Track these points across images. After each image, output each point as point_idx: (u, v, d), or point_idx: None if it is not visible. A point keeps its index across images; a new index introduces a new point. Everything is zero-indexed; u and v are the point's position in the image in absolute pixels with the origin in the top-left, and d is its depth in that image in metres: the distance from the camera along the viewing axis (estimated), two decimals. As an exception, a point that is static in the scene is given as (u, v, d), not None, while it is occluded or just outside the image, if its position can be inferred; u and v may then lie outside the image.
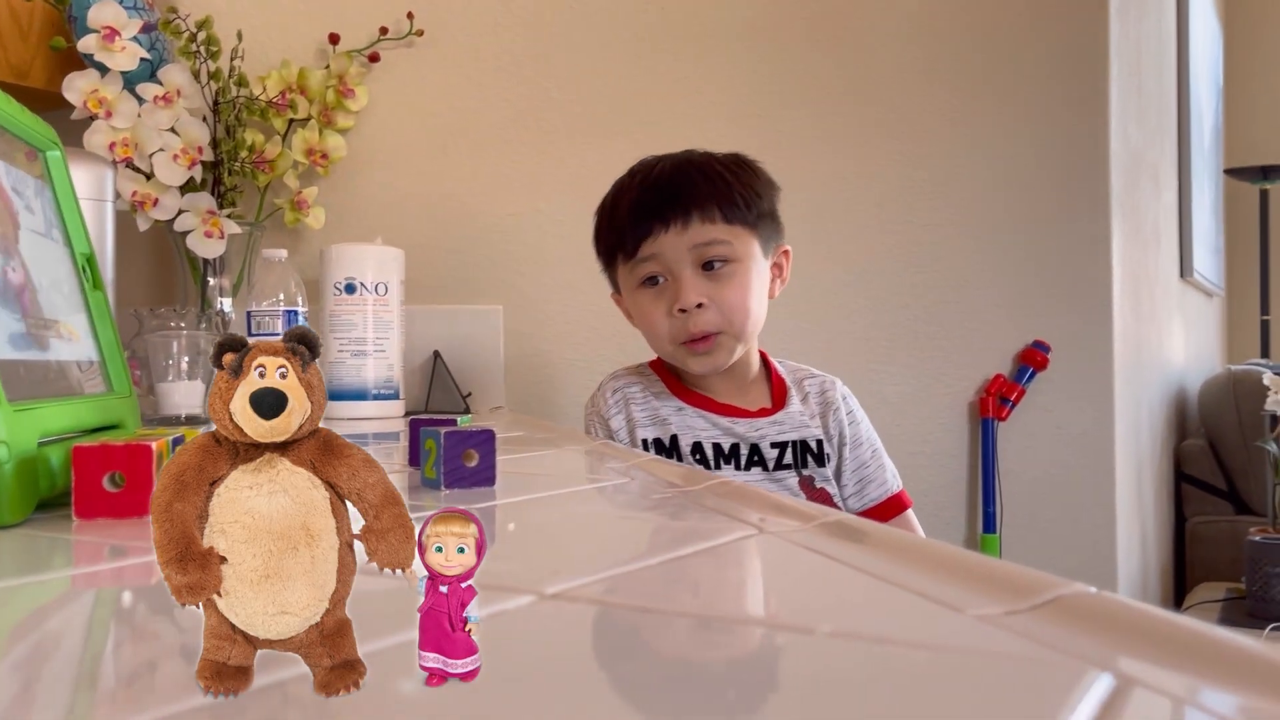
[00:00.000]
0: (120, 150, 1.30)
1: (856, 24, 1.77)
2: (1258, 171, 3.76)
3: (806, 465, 1.18)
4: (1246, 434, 2.67)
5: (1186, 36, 3.00)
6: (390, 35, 1.58)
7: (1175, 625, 0.29)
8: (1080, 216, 1.82)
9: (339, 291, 1.35)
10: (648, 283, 1.12)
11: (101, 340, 0.69)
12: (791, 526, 0.47)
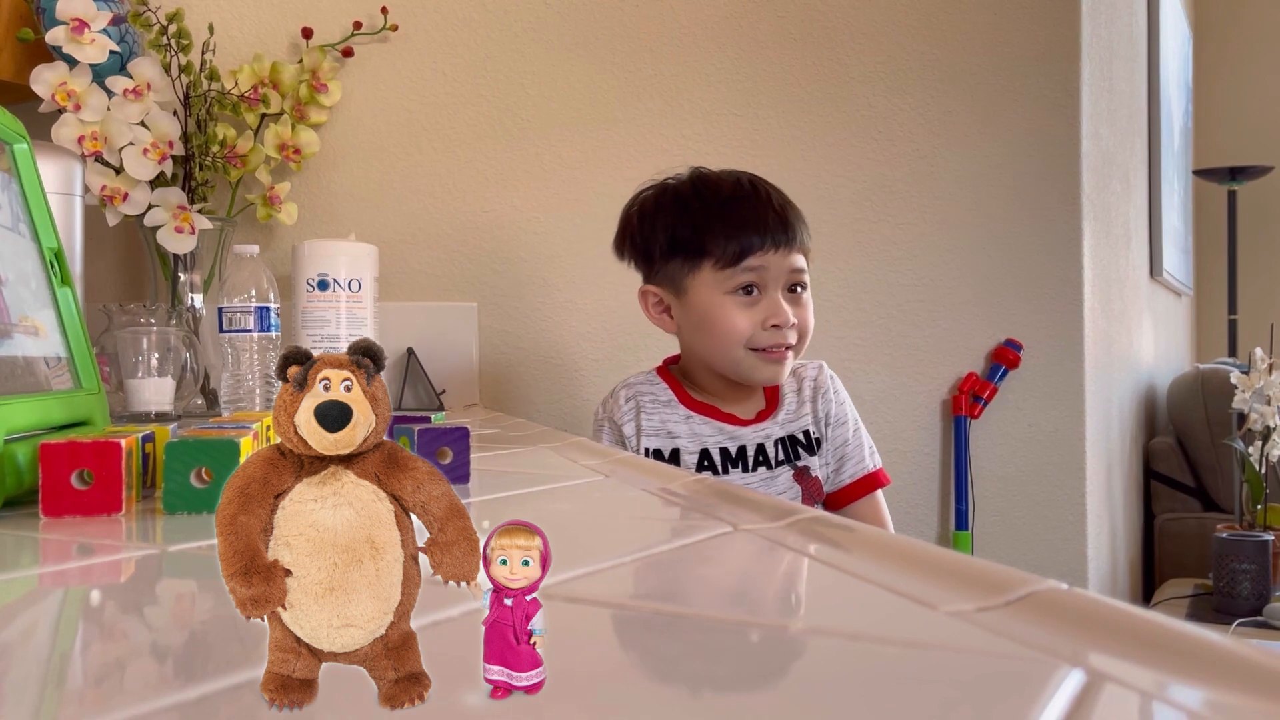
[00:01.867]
0: (89, 144, 1.28)
1: (831, 25, 1.78)
2: (1226, 173, 3.81)
3: (799, 457, 1.23)
4: (1214, 432, 2.71)
5: (1157, 39, 3.04)
6: (364, 30, 1.57)
7: (1145, 621, 0.29)
8: (1052, 216, 1.84)
9: (311, 288, 1.34)
10: (742, 291, 1.16)
11: (70, 336, 0.68)
12: (766, 524, 0.47)
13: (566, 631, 0.32)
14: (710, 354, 1.20)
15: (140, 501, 0.55)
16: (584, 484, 0.65)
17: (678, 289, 1.20)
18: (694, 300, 1.18)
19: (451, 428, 0.61)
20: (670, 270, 1.20)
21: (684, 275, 1.19)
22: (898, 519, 1.78)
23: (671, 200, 1.20)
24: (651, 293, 1.23)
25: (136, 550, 0.45)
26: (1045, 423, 1.83)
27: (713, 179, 1.21)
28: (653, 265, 1.22)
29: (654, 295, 1.23)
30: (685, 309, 1.20)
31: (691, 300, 1.19)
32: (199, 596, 0.38)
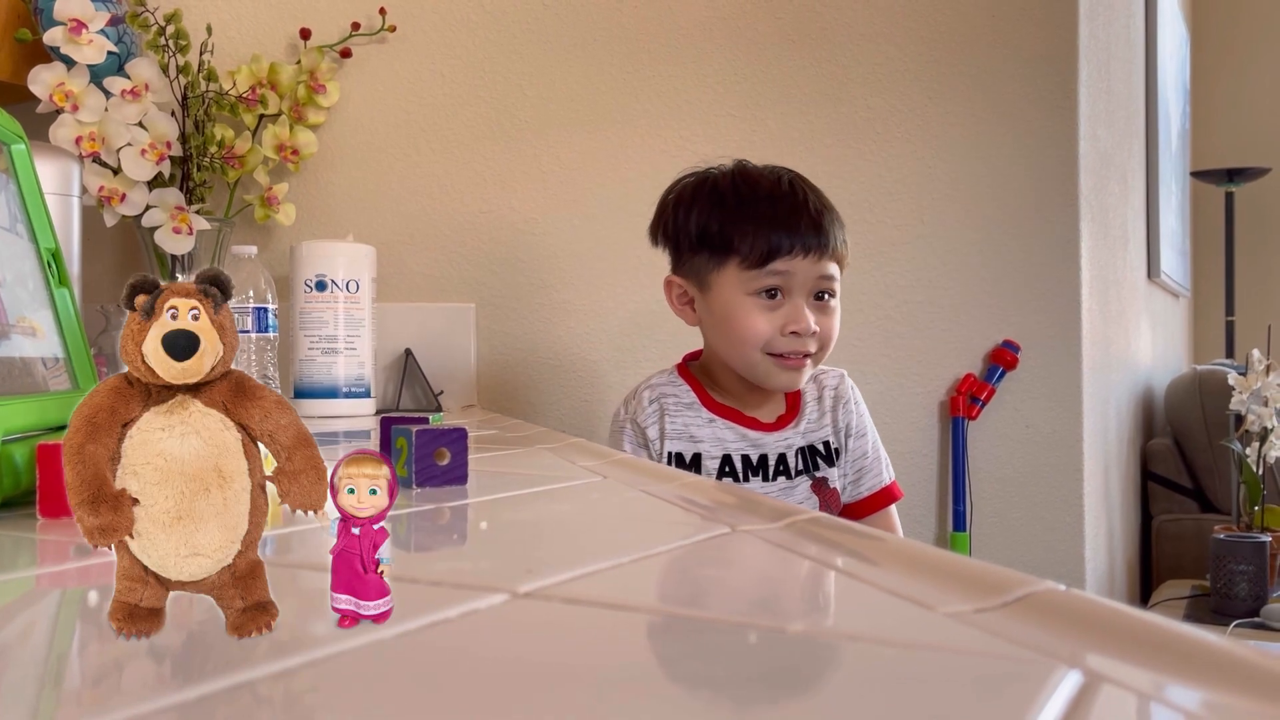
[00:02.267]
0: (87, 144, 1.28)
1: (829, 26, 1.78)
2: (1223, 174, 3.81)
3: (818, 468, 1.21)
4: (1212, 433, 2.71)
5: (1154, 40, 3.04)
6: (362, 31, 1.57)
7: (1142, 622, 0.29)
8: (1050, 218, 1.84)
9: (309, 289, 1.34)
10: (765, 294, 1.14)
11: (67, 337, 0.68)
12: (764, 525, 0.47)
13: (564, 632, 0.32)
14: (729, 353, 1.18)
15: (138, 502, 0.54)
16: (582, 485, 0.65)
17: (702, 283, 1.18)
18: (716, 297, 1.16)
19: (449, 429, 0.61)
20: (697, 263, 1.17)
21: (709, 270, 1.16)
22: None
23: (708, 192, 1.18)
24: (676, 283, 1.21)
25: (134, 551, 0.45)
26: (1043, 424, 1.83)
27: (753, 175, 1.18)
28: (680, 255, 1.20)
29: (678, 286, 1.21)
30: (707, 304, 1.18)
31: (714, 297, 1.16)
32: (196, 597, 0.38)
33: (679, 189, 1.21)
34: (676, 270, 1.21)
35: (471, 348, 1.64)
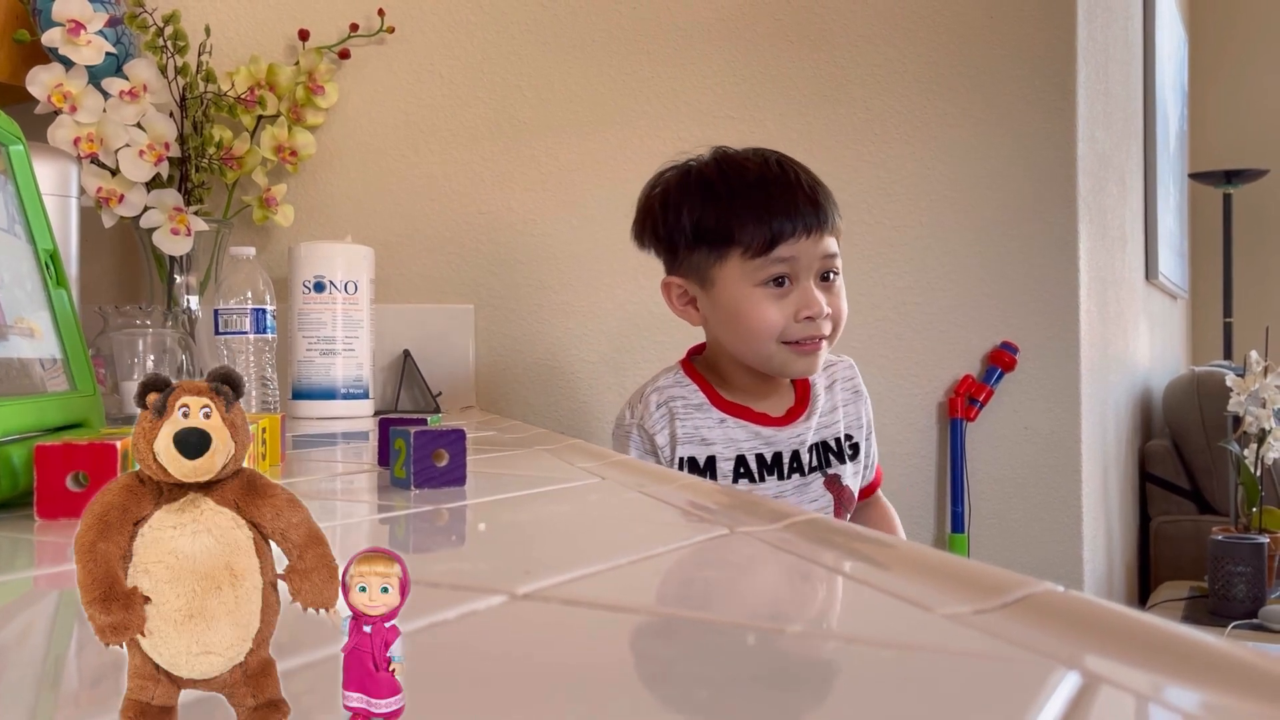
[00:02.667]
0: (85, 145, 1.28)
1: (828, 27, 1.78)
2: (1221, 176, 3.82)
3: (830, 465, 1.18)
4: (1210, 434, 2.71)
5: (1152, 42, 3.04)
6: (361, 32, 1.57)
7: (1140, 623, 0.29)
8: (1048, 219, 1.84)
9: (308, 290, 1.34)
10: (772, 283, 1.10)
11: (65, 338, 0.68)
12: (763, 527, 0.47)
13: (563, 634, 0.32)
14: (740, 349, 1.14)
15: (136, 503, 0.54)
16: (580, 486, 0.65)
17: (704, 280, 1.13)
18: (722, 293, 1.11)
19: (448, 430, 0.61)
20: (695, 261, 1.13)
21: (710, 266, 1.11)
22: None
23: (696, 185, 1.13)
24: (675, 284, 1.16)
25: (132, 552, 0.45)
26: (1041, 425, 1.83)
27: (738, 160, 1.14)
28: (676, 255, 1.15)
29: (678, 287, 1.16)
30: (712, 302, 1.13)
31: (719, 293, 1.12)
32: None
33: (663, 186, 1.16)
34: (674, 271, 1.16)
35: (470, 349, 1.64)
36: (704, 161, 1.16)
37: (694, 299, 1.15)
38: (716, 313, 1.13)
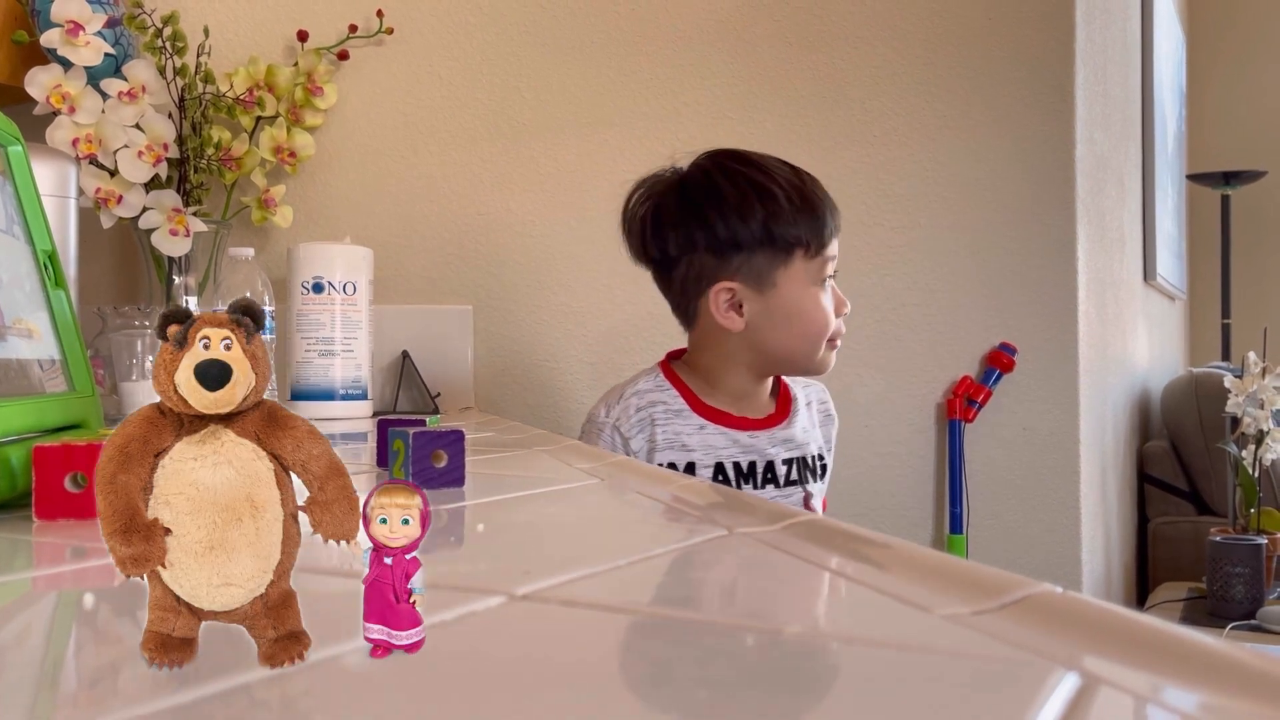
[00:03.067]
0: (84, 146, 1.28)
1: (827, 28, 1.78)
2: (1219, 177, 3.82)
3: (807, 481, 1.20)
4: (1208, 436, 2.71)
5: (1150, 44, 3.05)
6: (360, 33, 1.57)
7: (1139, 624, 0.29)
8: (1047, 220, 1.84)
9: (306, 291, 1.33)
10: (823, 282, 1.15)
11: (63, 338, 0.68)
12: (762, 527, 0.47)
13: (562, 635, 0.32)
14: (792, 350, 1.15)
15: (134, 505, 0.54)
16: (579, 487, 0.65)
17: (762, 283, 1.13)
18: (785, 294, 1.13)
19: (446, 431, 0.61)
20: (757, 264, 1.12)
21: (774, 269, 1.12)
22: (892, 522, 1.78)
23: (756, 189, 1.13)
24: (727, 289, 1.13)
25: (130, 553, 0.45)
26: (1040, 426, 1.84)
27: (771, 162, 1.16)
28: (730, 260, 1.13)
29: (728, 291, 1.14)
30: (768, 303, 1.13)
31: (781, 294, 1.13)
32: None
33: (710, 194, 1.14)
34: (726, 275, 1.13)
35: (469, 350, 1.64)
36: (731, 168, 1.15)
37: (740, 304, 1.14)
38: (774, 314, 1.14)
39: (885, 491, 1.80)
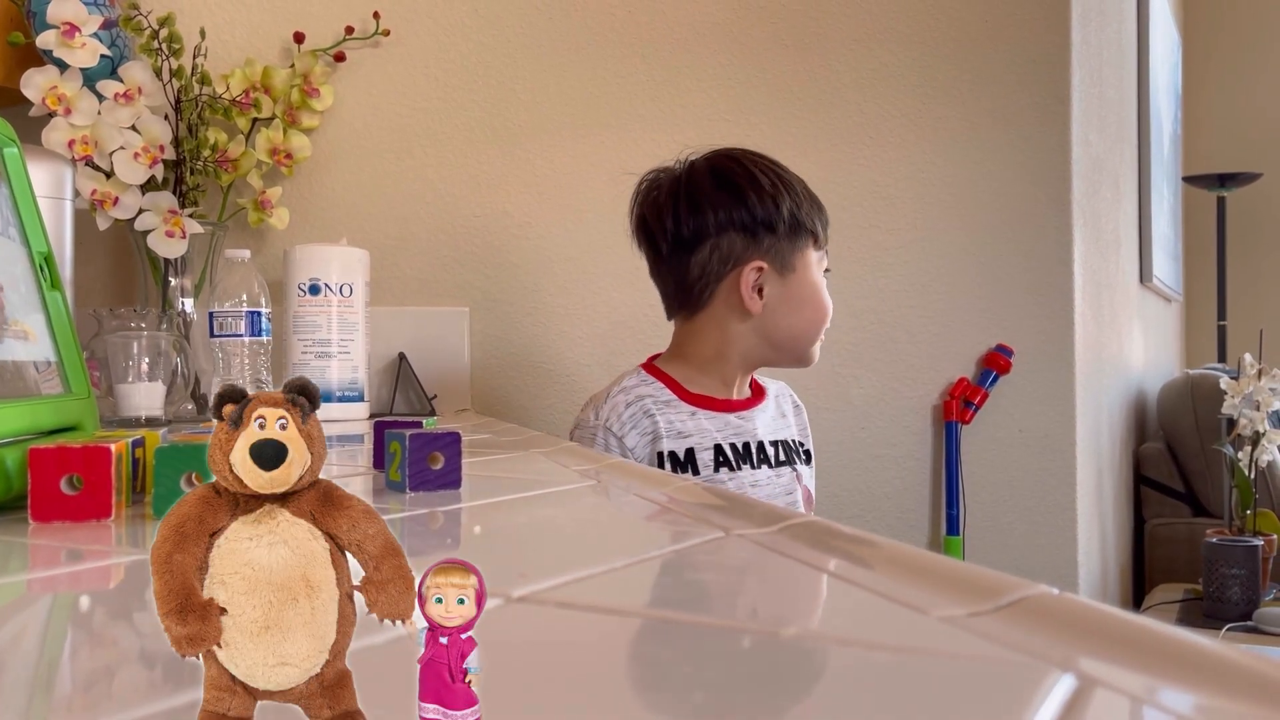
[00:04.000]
0: (80, 148, 1.28)
1: (823, 31, 1.79)
2: (1215, 179, 3.83)
3: (795, 462, 1.25)
4: (1204, 437, 2.72)
5: (1146, 46, 3.05)
6: (356, 35, 1.57)
7: (1135, 626, 0.29)
8: (1043, 222, 1.84)
9: (303, 292, 1.33)
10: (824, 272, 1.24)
11: (59, 340, 0.68)
12: (758, 529, 0.47)
13: (558, 637, 0.32)
14: (799, 334, 1.22)
15: (130, 507, 0.54)
16: (576, 489, 0.65)
17: (784, 266, 1.20)
18: (801, 279, 1.21)
19: (443, 433, 0.61)
20: (783, 248, 1.20)
21: (795, 253, 1.20)
22: (889, 524, 1.79)
23: (784, 178, 1.22)
24: (757, 268, 1.18)
25: (126, 556, 0.45)
26: (1036, 428, 1.84)
27: (773, 161, 1.26)
28: (761, 242, 1.18)
29: (757, 271, 1.19)
30: (786, 287, 1.20)
31: (799, 279, 1.21)
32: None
33: (747, 179, 1.20)
34: (757, 255, 1.19)
35: (465, 351, 1.64)
36: (757, 158, 1.24)
37: (762, 286, 1.20)
38: (789, 298, 1.21)
39: (881, 493, 1.80)
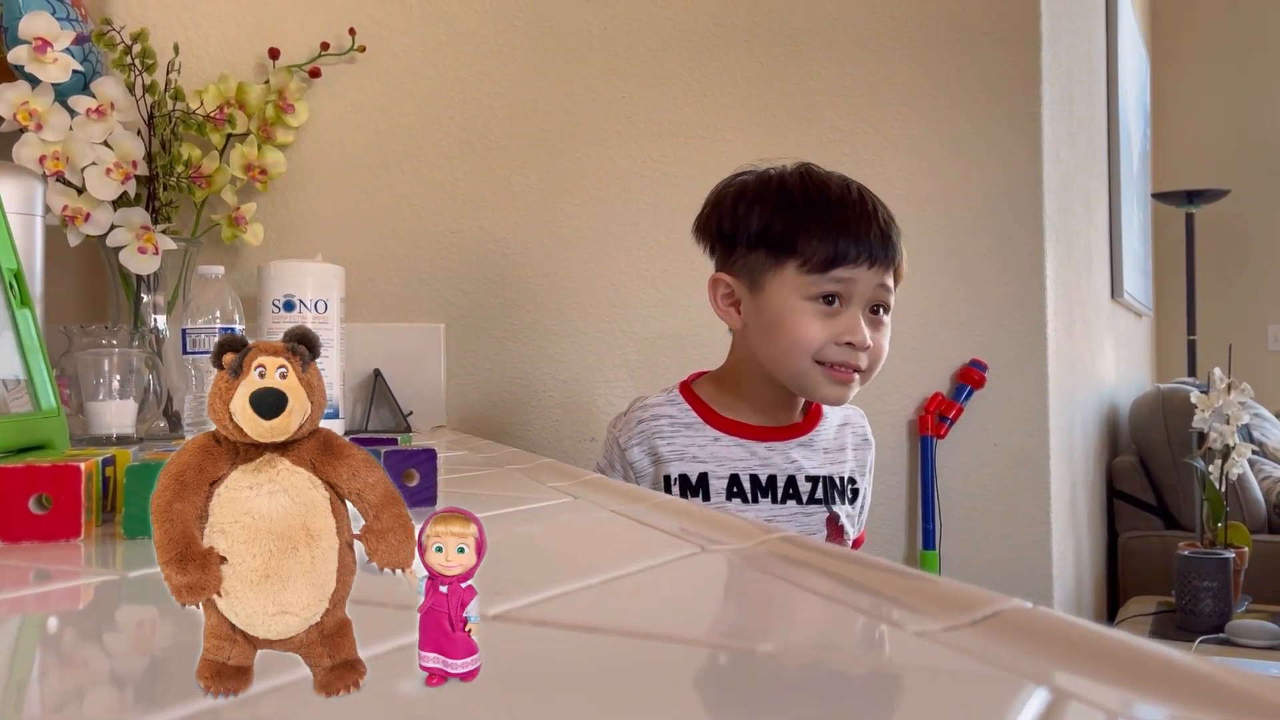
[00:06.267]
0: (51, 164, 1.27)
1: (798, 48, 1.80)
2: (1184, 196, 3.88)
3: (834, 502, 1.16)
4: (1175, 451, 2.74)
5: (1115, 65, 3.09)
6: (331, 51, 1.57)
7: (1109, 639, 0.30)
8: (1015, 238, 1.86)
9: (277, 309, 1.32)
10: (823, 300, 1.09)
11: (29, 358, 0.67)
12: (735, 545, 0.47)
13: (534, 655, 0.32)
14: (773, 360, 1.12)
15: (100, 526, 0.54)
16: (552, 505, 0.65)
17: (754, 283, 1.11)
18: (769, 299, 1.10)
19: (418, 450, 0.61)
20: (751, 262, 1.11)
21: (764, 270, 1.10)
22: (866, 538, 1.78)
23: (776, 189, 1.13)
24: (724, 282, 1.13)
25: (96, 576, 0.44)
26: (1010, 442, 1.85)
27: (820, 177, 1.15)
28: (733, 253, 1.13)
29: (725, 285, 1.14)
30: (757, 306, 1.11)
31: (767, 298, 1.10)
32: (159, 623, 0.37)
33: (739, 184, 1.15)
34: (725, 268, 1.14)
35: (441, 368, 1.63)
36: (787, 170, 1.16)
37: (738, 301, 1.14)
38: (759, 318, 1.12)
39: (858, 508, 1.80)
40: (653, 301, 1.71)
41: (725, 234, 1.14)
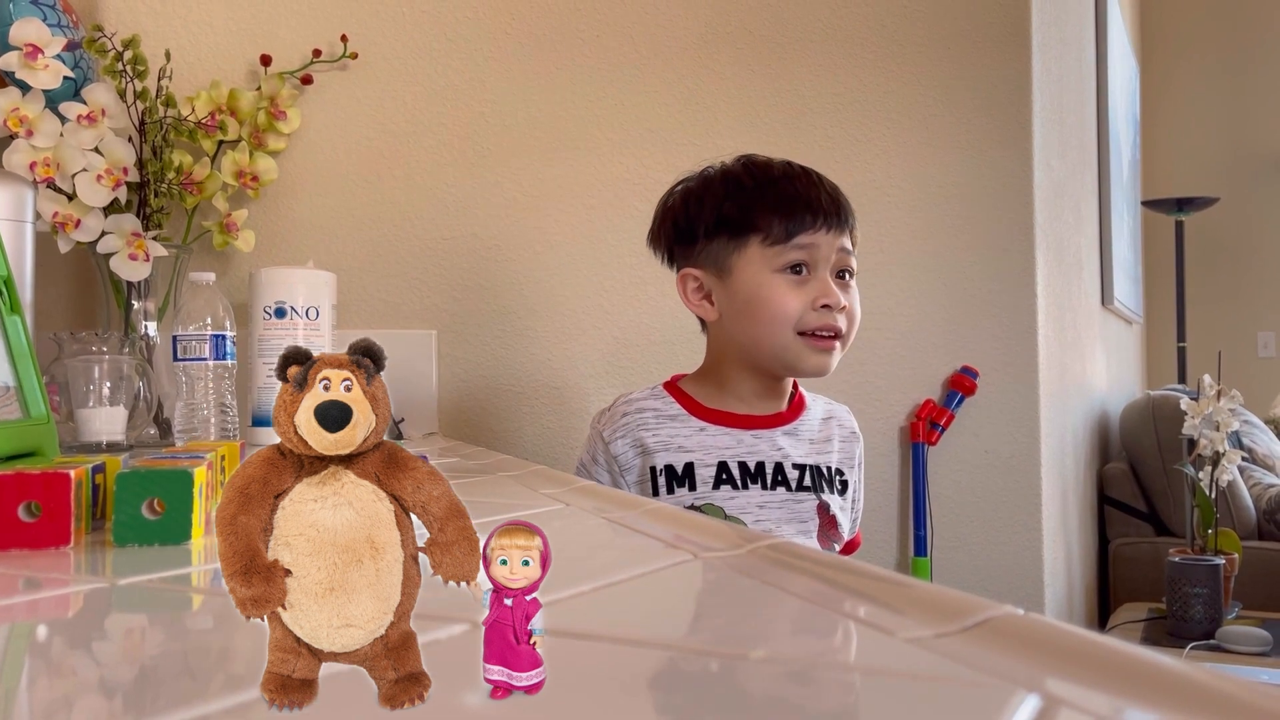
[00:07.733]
0: (41, 170, 1.26)
1: (790, 56, 1.81)
2: (1173, 203, 3.90)
3: (823, 490, 1.17)
4: (1165, 457, 2.75)
5: (1105, 73, 3.11)
6: (323, 58, 1.57)
7: (1100, 646, 0.30)
8: (1006, 246, 1.87)
9: (269, 315, 1.32)
10: (790, 270, 1.12)
11: (18, 365, 0.67)
12: (726, 551, 0.47)
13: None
14: (756, 339, 1.13)
15: (90, 534, 0.54)
16: (544, 512, 0.65)
17: (721, 270, 1.14)
18: (740, 280, 1.13)
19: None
20: (714, 250, 1.14)
21: (729, 254, 1.13)
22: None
23: (720, 179, 1.16)
24: (692, 276, 1.16)
25: (85, 584, 0.44)
26: (1001, 449, 1.85)
27: (762, 161, 1.18)
28: (693, 247, 1.16)
29: (694, 279, 1.16)
30: (729, 291, 1.14)
31: (737, 280, 1.13)
32: (149, 631, 0.37)
33: (683, 188, 1.19)
34: (691, 263, 1.17)
35: (433, 375, 1.63)
36: (726, 163, 1.19)
37: (709, 293, 1.16)
38: (734, 302, 1.14)
39: (850, 515, 1.80)
40: (644, 308, 1.71)
41: (682, 231, 1.17)
